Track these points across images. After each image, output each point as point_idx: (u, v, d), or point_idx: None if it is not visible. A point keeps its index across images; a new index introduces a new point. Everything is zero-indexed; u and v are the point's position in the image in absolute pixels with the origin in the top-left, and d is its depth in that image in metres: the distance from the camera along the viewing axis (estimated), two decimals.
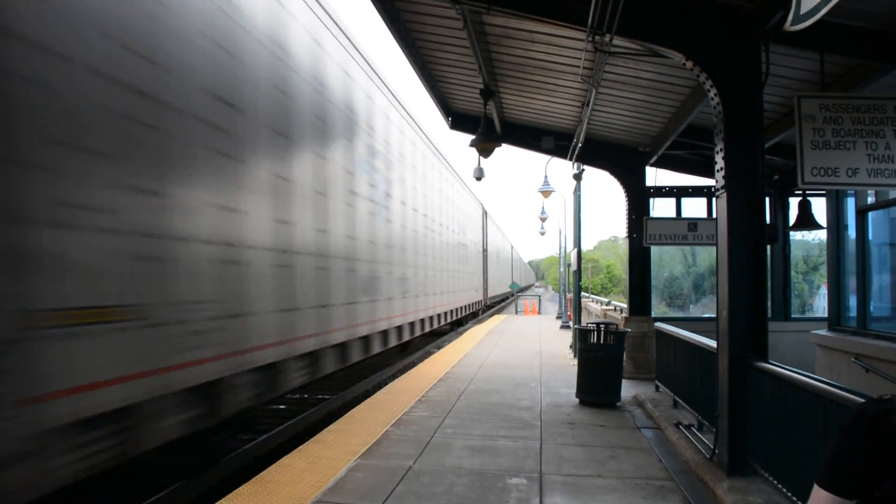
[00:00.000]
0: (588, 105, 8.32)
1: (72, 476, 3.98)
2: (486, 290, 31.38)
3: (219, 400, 5.70)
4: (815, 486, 1.71)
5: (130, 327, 4.35)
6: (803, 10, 3.19)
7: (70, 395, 3.81)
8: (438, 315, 17.11)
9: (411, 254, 13.40)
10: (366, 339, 10.01)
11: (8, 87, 3.52)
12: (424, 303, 14.92)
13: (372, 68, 10.28)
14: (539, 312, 38.61)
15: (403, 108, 12.63)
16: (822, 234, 10.73)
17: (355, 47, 9.34)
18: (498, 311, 39.52)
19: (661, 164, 11.42)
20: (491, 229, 35.11)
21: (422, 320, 14.73)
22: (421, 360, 15.10)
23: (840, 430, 1.74)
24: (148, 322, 4.55)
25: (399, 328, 12.34)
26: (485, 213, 31.43)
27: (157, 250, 4.67)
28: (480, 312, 31.65)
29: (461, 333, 22.41)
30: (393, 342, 12.03)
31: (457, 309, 21.07)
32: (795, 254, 12.58)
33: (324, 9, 7.98)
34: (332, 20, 8.31)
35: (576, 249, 15.18)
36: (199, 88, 5.25)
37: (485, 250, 30.90)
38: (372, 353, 10.40)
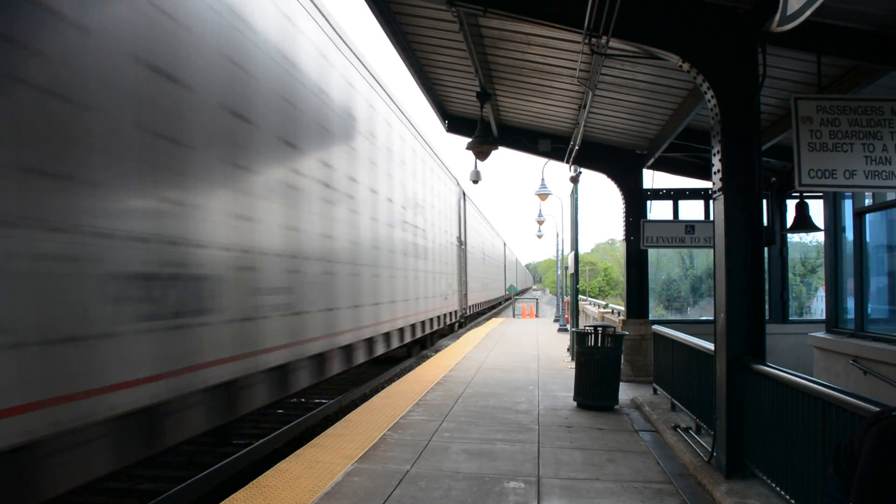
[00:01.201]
0: (585, 108, 8.32)
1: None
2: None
3: (287, 379, 7.28)
4: None
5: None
6: (790, 11, 3.19)
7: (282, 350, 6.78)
8: (498, 297, 21.85)
9: (490, 272, 18.26)
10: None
11: None
12: (494, 293, 22.57)
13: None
14: (536, 316, 38.58)
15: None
16: (819, 237, 10.77)
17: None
18: (481, 323, 34.79)
19: (659, 166, 11.44)
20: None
21: (495, 298, 22.64)
22: (418, 363, 15.06)
23: (872, 451, 1.78)
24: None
25: (490, 300, 20.63)
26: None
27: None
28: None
29: (479, 324, 24.58)
30: (492, 302, 25.54)
31: (499, 297, 21.67)
32: (793, 256, 12.59)
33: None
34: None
35: (573, 252, 15.17)
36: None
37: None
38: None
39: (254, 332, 6.10)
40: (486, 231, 34.60)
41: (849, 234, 8.31)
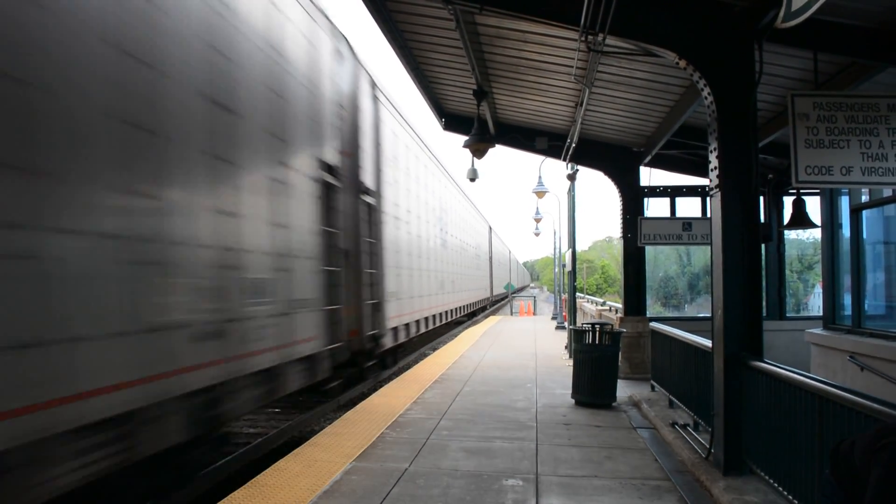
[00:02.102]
0: (582, 105, 8.32)
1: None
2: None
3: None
4: None
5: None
6: (794, 7, 3.19)
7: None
8: (465, 305, 24.90)
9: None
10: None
11: None
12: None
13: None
14: (534, 313, 38.56)
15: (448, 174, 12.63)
16: (816, 233, 10.76)
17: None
18: (493, 313, 39.40)
19: (656, 163, 11.44)
20: (494, 241, 41.44)
21: (457, 308, 22.09)
22: (416, 361, 15.06)
23: (889, 463, 1.78)
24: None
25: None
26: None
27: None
28: (488, 306, 39.03)
29: (477, 322, 27.75)
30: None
31: (473, 303, 28.08)
32: (790, 253, 12.61)
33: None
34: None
35: (570, 250, 15.17)
36: None
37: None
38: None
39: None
40: (500, 247, 33.78)
41: (846, 231, 8.33)
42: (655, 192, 11.67)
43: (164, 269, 4.82)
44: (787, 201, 10.81)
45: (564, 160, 11.84)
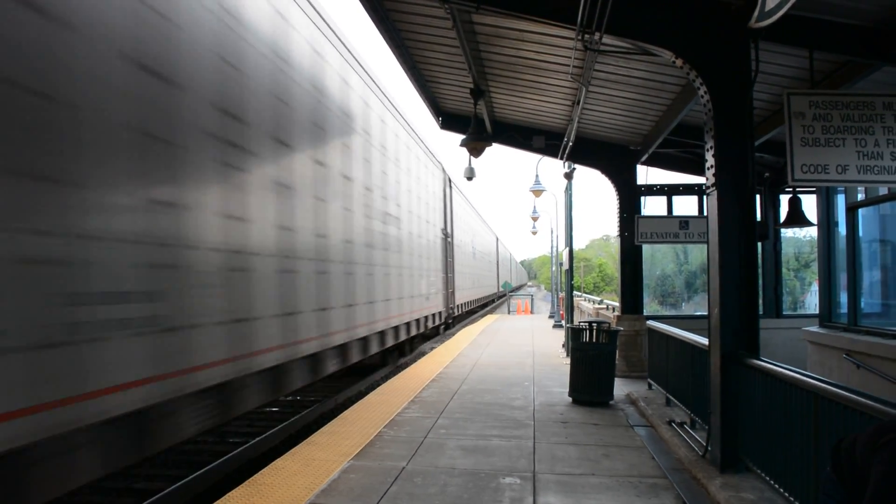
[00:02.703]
0: (578, 104, 8.32)
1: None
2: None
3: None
4: None
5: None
6: (768, 7, 3.21)
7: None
8: (486, 296, 23.73)
9: (480, 268, 25.32)
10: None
11: None
12: (483, 291, 28.97)
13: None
14: (531, 312, 38.61)
15: None
16: (812, 231, 10.79)
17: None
18: (498, 307, 37.49)
19: (653, 162, 11.45)
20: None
21: (483, 297, 27.50)
22: (414, 360, 15.06)
23: (890, 461, 1.85)
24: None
25: (478, 298, 25.51)
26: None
27: None
28: (496, 298, 25.68)
29: (475, 321, 24.11)
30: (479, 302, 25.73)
31: (489, 294, 22.56)
32: (786, 251, 12.63)
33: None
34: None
35: (567, 248, 15.19)
36: None
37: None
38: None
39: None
40: (476, 224, 31.94)
41: (842, 229, 8.34)
42: (652, 190, 11.68)
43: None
44: (784, 199, 10.82)
45: (561, 159, 11.86)
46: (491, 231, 43.22)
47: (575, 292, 18.94)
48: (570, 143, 10.26)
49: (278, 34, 6.85)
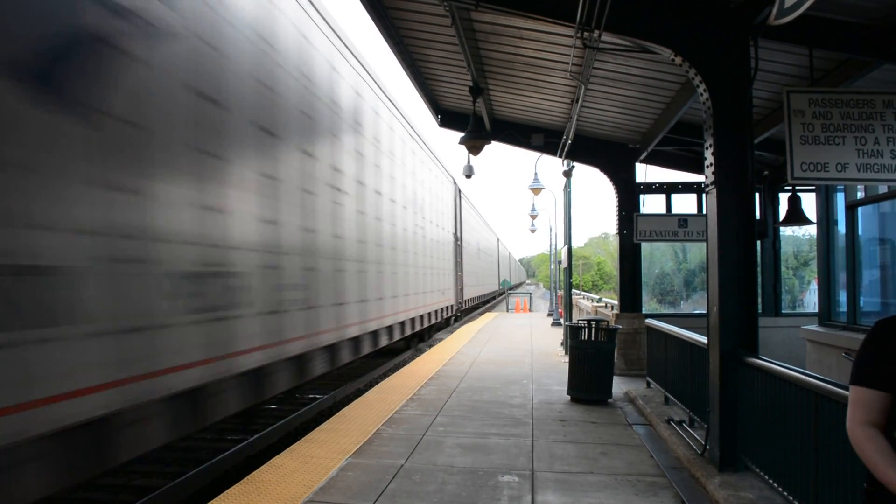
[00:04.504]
0: (577, 102, 8.31)
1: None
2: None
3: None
4: (852, 388, 2.07)
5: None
6: (787, 4, 3.19)
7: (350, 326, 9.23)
8: (488, 293, 28.18)
9: (483, 267, 29.63)
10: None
11: None
12: (486, 288, 28.68)
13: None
14: (530, 310, 38.64)
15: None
16: (812, 230, 10.79)
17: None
18: (498, 304, 38.26)
19: (652, 160, 11.44)
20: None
21: (486, 293, 28.09)
22: (412, 358, 15.06)
23: (864, 342, 2.11)
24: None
25: (482, 294, 26.79)
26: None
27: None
28: (497, 295, 33.12)
29: (473, 319, 25.59)
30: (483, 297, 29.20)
31: (491, 291, 28.00)
32: (786, 249, 12.63)
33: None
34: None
35: (566, 246, 15.18)
36: None
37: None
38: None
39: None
40: (480, 226, 34.35)
41: (841, 228, 8.34)
42: (651, 188, 11.68)
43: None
44: (783, 198, 10.81)
45: (560, 157, 11.84)
46: (492, 232, 45.73)
47: (573, 290, 18.94)
48: (569, 141, 10.25)
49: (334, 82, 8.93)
